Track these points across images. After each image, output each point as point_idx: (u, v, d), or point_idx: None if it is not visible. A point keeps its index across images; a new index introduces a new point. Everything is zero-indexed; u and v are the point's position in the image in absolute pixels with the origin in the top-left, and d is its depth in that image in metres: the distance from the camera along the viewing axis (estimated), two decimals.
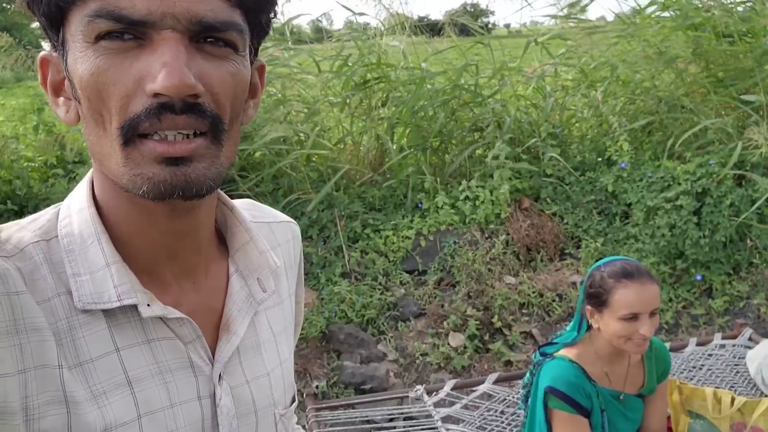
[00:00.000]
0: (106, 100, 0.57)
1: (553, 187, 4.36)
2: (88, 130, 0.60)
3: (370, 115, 4.57)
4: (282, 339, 0.80)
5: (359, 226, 4.15)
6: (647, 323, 1.64)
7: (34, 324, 0.58)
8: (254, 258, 0.75)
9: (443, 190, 4.27)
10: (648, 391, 1.83)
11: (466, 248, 4.02)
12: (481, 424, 2.45)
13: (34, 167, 4.36)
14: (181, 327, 0.67)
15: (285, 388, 0.78)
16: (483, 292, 3.82)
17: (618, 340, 1.68)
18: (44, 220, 0.66)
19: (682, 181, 3.96)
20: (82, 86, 0.57)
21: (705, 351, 2.81)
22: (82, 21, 0.56)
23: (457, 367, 3.47)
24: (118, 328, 0.64)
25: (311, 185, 4.28)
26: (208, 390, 0.69)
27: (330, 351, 3.58)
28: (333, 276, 3.91)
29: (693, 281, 3.93)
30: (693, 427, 2.08)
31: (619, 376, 1.79)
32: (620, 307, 1.66)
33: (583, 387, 1.72)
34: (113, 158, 0.58)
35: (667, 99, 4.42)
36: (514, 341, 3.63)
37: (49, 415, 0.58)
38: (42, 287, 0.61)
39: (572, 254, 4.13)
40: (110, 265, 0.63)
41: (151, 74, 0.55)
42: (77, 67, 0.57)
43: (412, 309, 3.82)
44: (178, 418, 0.66)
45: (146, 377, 0.64)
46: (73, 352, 0.61)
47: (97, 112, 0.58)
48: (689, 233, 3.86)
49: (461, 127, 4.71)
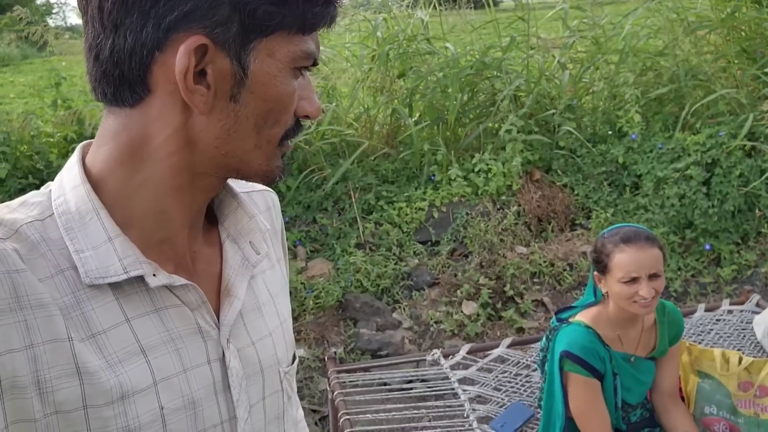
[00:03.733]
0: (284, 113, 0.68)
1: (564, 159, 4.41)
2: (235, 126, 0.66)
3: (389, 89, 4.61)
4: (280, 300, 0.83)
5: (373, 198, 4.23)
6: (646, 285, 1.71)
7: (39, 300, 0.61)
8: (244, 222, 0.78)
9: (456, 162, 4.33)
10: (659, 354, 1.91)
11: (479, 219, 4.09)
12: (496, 385, 2.55)
13: (53, 142, 4.43)
14: (187, 294, 0.70)
15: (287, 346, 0.82)
16: (495, 262, 3.90)
17: (623, 303, 1.76)
18: (35, 201, 0.67)
19: (692, 152, 4.01)
20: (276, 98, 0.67)
21: (713, 316, 2.89)
22: (298, 52, 0.66)
23: (470, 334, 3.57)
24: (126, 299, 0.66)
25: (325, 159, 4.35)
26: (217, 353, 0.72)
27: (346, 319, 3.68)
28: (348, 247, 4.00)
29: (702, 250, 3.99)
30: (702, 387, 2.16)
31: (631, 339, 1.86)
32: (619, 271, 1.74)
33: (597, 351, 1.79)
34: (257, 154, 0.68)
35: (684, 68, 4.43)
36: (526, 309, 3.72)
37: (62, 388, 0.61)
38: (42, 265, 0.63)
39: (583, 225, 4.20)
40: (112, 239, 0.66)
41: (310, 101, 0.70)
42: (276, 82, 0.66)
43: (425, 278, 3.91)
44: (192, 383, 0.69)
45: (158, 345, 0.67)
46: (84, 325, 0.63)
47: (264, 118, 0.67)
48: (698, 203, 3.92)
49: (477, 101, 4.75)
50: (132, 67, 0.63)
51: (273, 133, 0.68)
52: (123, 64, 0.63)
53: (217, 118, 0.65)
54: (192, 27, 0.61)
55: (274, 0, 0.62)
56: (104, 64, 0.64)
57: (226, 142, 0.66)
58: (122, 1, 0.61)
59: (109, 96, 0.65)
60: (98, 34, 0.63)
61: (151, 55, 0.62)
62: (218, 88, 0.64)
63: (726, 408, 2.12)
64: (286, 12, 0.63)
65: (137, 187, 0.67)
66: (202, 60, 0.62)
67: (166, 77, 0.63)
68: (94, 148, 0.69)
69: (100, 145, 0.68)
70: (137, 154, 0.66)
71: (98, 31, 0.63)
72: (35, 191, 0.70)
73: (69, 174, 0.69)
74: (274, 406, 0.80)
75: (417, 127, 4.38)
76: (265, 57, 0.64)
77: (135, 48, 0.62)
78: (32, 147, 4.32)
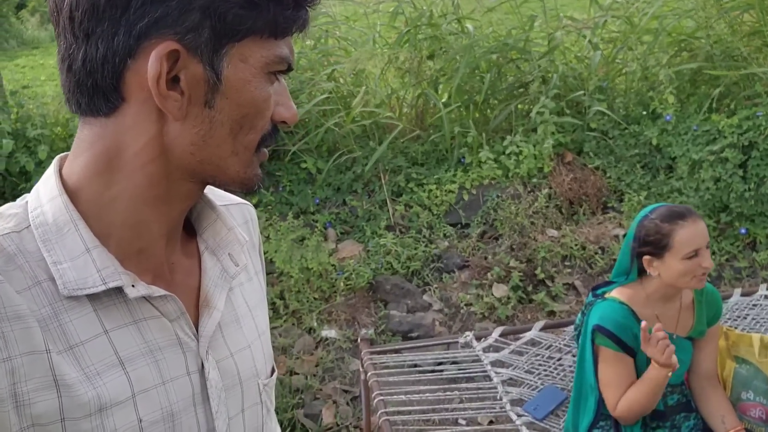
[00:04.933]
0: (260, 119, 0.68)
1: (596, 141, 4.36)
2: (210, 133, 0.66)
3: (417, 70, 4.59)
4: (258, 313, 0.83)
5: (403, 180, 4.23)
6: (707, 255, 1.75)
7: (16, 312, 0.60)
8: (223, 234, 0.78)
9: (486, 144, 4.31)
10: (697, 334, 1.90)
11: (509, 202, 4.07)
12: (529, 368, 2.56)
13: None
14: (166, 305, 0.69)
15: (265, 359, 0.82)
16: (526, 245, 3.89)
17: (682, 279, 1.76)
18: (11, 213, 0.67)
19: (728, 134, 3.93)
20: (250, 104, 0.67)
21: (750, 301, 2.86)
22: (271, 57, 0.66)
23: (501, 317, 3.58)
24: (104, 310, 0.66)
25: (355, 141, 4.35)
26: (196, 365, 0.72)
27: (377, 301, 3.71)
28: (378, 229, 4.02)
29: (737, 234, 3.93)
30: (739, 372, 2.14)
31: (670, 318, 1.86)
32: (683, 247, 1.75)
33: (630, 328, 1.79)
34: (234, 161, 0.68)
35: (719, 48, 4.33)
36: (557, 292, 3.71)
37: (39, 401, 0.60)
38: (19, 277, 0.62)
39: (615, 208, 4.15)
40: (90, 250, 0.65)
41: (287, 106, 0.70)
42: (250, 88, 0.66)
43: (455, 261, 3.92)
44: (171, 394, 0.69)
45: (137, 356, 0.67)
46: (62, 337, 0.63)
47: (239, 124, 0.67)
48: (734, 186, 3.85)
49: (506, 82, 4.70)
50: (105, 75, 0.63)
51: (249, 139, 0.68)
52: (96, 73, 0.63)
53: (191, 125, 0.65)
54: (163, 33, 0.61)
55: (244, 4, 0.62)
56: (77, 74, 0.64)
57: (202, 148, 0.66)
58: (92, 9, 0.61)
59: (83, 106, 0.65)
60: (70, 44, 0.63)
61: (124, 63, 0.62)
62: (192, 94, 0.64)
63: (763, 393, 2.10)
64: (257, 16, 0.63)
65: (114, 197, 0.67)
66: (174, 66, 0.62)
67: (139, 85, 0.63)
68: (70, 159, 0.69)
69: (76, 156, 0.68)
70: (113, 164, 0.66)
71: (70, 41, 0.63)
72: (11, 203, 0.69)
73: (46, 185, 0.68)
74: (254, 418, 0.80)
75: (447, 110, 4.35)
76: (238, 62, 0.65)
77: (107, 56, 0.62)
78: (67, 129, 4.39)
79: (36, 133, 4.15)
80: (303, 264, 3.66)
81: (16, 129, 4.19)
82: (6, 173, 4.08)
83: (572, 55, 4.86)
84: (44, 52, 10.89)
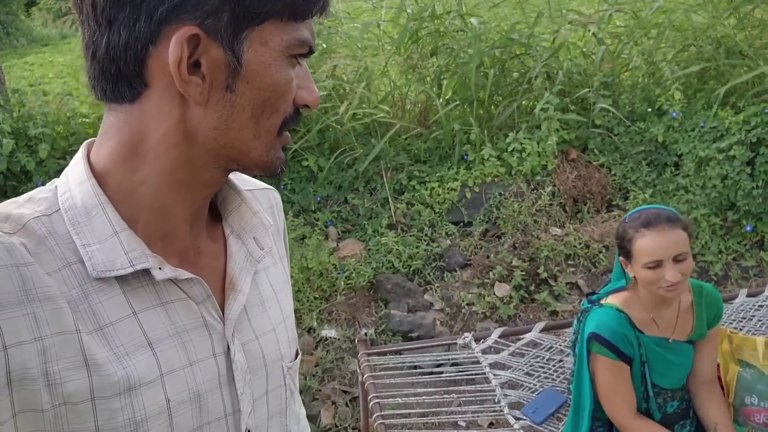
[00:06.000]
0: (281, 102, 0.68)
1: (601, 138, 4.30)
2: (232, 117, 0.66)
3: (419, 67, 4.54)
4: (283, 297, 0.84)
5: (405, 178, 4.19)
6: (671, 269, 1.66)
7: (47, 293, 0.61)
8: (248, 218, 0.79)
9: (489, 142, 4.26)
10: (698, 336, 1.85)
11: (512, 200, 4.02)
12: (528, 370, 2.51)
13: (89, 123, 4.49)
14: (192, 287, 0.70)
15: (290, 342, 0.83)
16: (529, 243, 3.84)
17: (650, 288, 1.72)
18: (41, 197, 0.68)
19: (736, 131, 3.86)
20: (272, 87, 0.67)
21: (756, 302, 2.80)
22: (291, 40, 0.66)
23: (503, 317, 3.53)
24: (132, 292, 0.67)
25: (357, 139, 4.31)
26: (221, 347, 0.73)
27: (377, 300, 3.67)
28: (379, 227, 3.98)
29: (744, 233, 3.87)
30: (742, 376, 2.09)
31: (667, 322, 1.81)
32: (642, 256, 1.70)
33: (626, 335, 1.75)
34: (256, 144, 0.69)
35: (727, 44, 4.26)
36: (560, 292, 3.66)
37: (70, 380, 0.62)
38: (49, 259, 0.64)
39: (620, 206, 4.09)
40: (118, 233, 0.67)
41: (309, 90, 0.70)
42: (271, 71, 0.66)
43: (457, 260, 3.87)
44: (197, 375, 0.70)
45: (165, 338, 0.68)
46: (91, 318, 0.64)
47: (260, 108, 0.67)
48: (742, 184, 3.78)
49: (509, 78, 4.65)
50: (128, 62, 0.63)
51: (271, 123, 0.68)
52: (119, 60, 0.64)
53: (213, 109, 0.65)
54: (183, 18, 0.62)
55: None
56: (101, 62, 0.65)
57: (224, 133, 0.66)
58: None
59: (108, 93, 0.66)
60: (93, 32, 0.64)
61: (146, 49, 0.63)
62: (213, 79, 0.64)
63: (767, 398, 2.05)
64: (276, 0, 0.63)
65: (139, 182, 0.68)
66: (195, 51, 0.63)
67: (162, 71, 0.64)
68: (97, 144, 0.70)
69: (103, 142, 0.69)
70: (138, 150, 0.67)
71: (93, 29, 0.64)
72: (40, 188, 0.70)
73: (74, 170, 0.70)
74: (277, 400, 0.80)
75: (448, 108, 4.30)
76: (259, 46, 0.65)
77: (129, 43, 0.63)
78: (68, 128, 4.38)
79: (37, 131, 4.14)
80: (303, 263, 3.63)
81: (17, 128, 4.18)
82: (7, 172, 4.07)
83: (577, 51, 4.80)
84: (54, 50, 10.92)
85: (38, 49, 11.31)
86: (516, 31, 4.63)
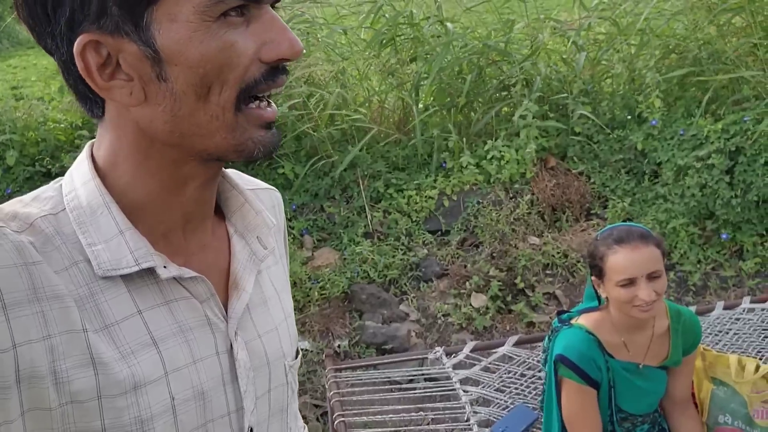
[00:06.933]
0: (227, 72, 0.62)
1: (580, 145, 4.25)
2: (177, 105, 0.63)
3: (397, 72, 4.48)
4: (284, 296, 0.84)
5: (382, 186, 4.12)
6: (645, 287, 1.60)
7: (55, 292, 0.61)
8: (251, 218, 0.78)
9: (468, 149, 4.20)
10: (672, 363, 1.79)
11: (490, 208, 3.97)
12: (500, 386, 2.45)
13: (61, 129, 4.39)
14: (196, 286, 0.70)
15: (291, 341, 0.83)
16: (506, 253, 3.79)
17: (624, 308, 1.66)
18: (47, 196, 0.68)
19: (715, 139, 3.83)
20: (201, 62, 0.61)
21: (732, 315, 2.75)
22: (203, 2, 0.59)
23: (478, 328, 3.47)
24: (137, 291, 0.67)
25: (333, 146, 4.24)
26: (225, 345, 0.72)
27: (352, 311, 3.60)
28: (355, 236, 3.91)
29: (723, 242, 3.83)
30: (716, 394, 2.03)
31: (640, 346, 1.75)
32: (614, 274, 1.64)
33: (594, 359, 1.70)
34: (216, 126, 0.63)
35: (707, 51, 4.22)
36: (537, 302, 3.60)
37: (78, 378, 0.61)
38: (57, 258, 0.63)
39: (599, 214, 4.05)
40: (123, 232, 0.66)
41: (275, 42, 0.63)
42: (193, 45, 0.60)
43: (434, 269, 3.81)
44: (201, 374, 0.70)
45: (169, 336, 0.68)
46: (97, 317, 0.64)
47: (206, 86, 0.62)
48: (720, 193, 3.75)
49: (488, 85, 4.60)
50: (77, 84, 0.65)
51: (224, 98, 0.63)
52: (76, 84, 0.65)
53: (155, 103, 0.63)
54: (82, 29, 0.61)
55: None
56: (70, 87, 0.67)
57: (176, 123, 0.64)
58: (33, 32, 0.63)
59: (87, 112, 0.68)
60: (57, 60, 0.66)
61: (77, 69, 0.63)
62: (140, 74, 0.62)
63: (741, 417, 2.00)
64: None
65: (135, 184, 0.68)
66: (108, 56, 0.62)
67: None
68: (96, 146, 0.71)
69: (98, 147, 0.70)
70: (119, 157, 0.68)
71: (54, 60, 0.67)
72: (45, 186, 0.70)
73: (79, 169, 0.70)
74: (279, 398, 0.80)
75: (426, 114, 4.25)
76: (169, 24, 0.60)
77: (68, 66, 0.64)
78: (38, 134, 4.27)
79: (5, 138, 4.04)
80: None
81: None
82: None
83: (557, 57, 4.75)
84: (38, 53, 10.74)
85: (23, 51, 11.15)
86: (494, 38, 4.58)
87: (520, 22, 4.71)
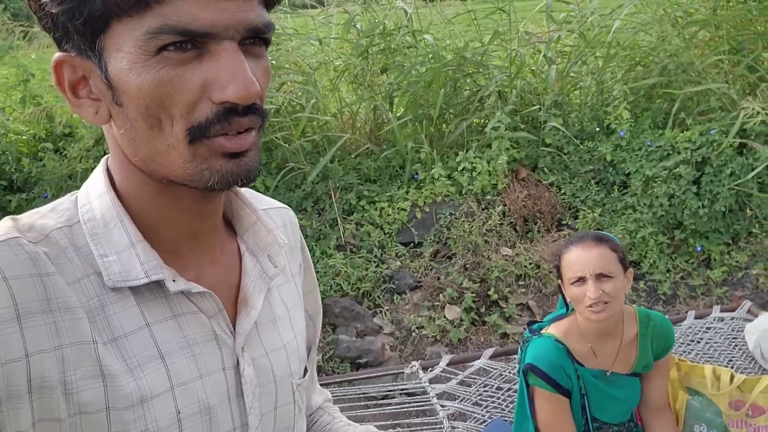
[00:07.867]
0: (169, 107, 0.60)
1: (551, 156, 4.29)
2: (133, 131, 0.63)
3: (369, 83, 4.46)
4: (295, 314, 0.83)
5: (354, 198, 4.09)
6: (593, 285, 1.64)
7: (67, 303, 0.62)
8: (263, 236, 0.79)
9: (440, 160, 4.20)
10: (642, 369, 1.80)
11: (463, 219, 3.97)
12: (477, 400, 2.44)
13: (22, 140, 4.27)
14: (204, 301, 0.70)
15: (300, 360, 0.82)
16: (479, 264, 3.78)
17: (578, 308, 1.71)
18: (63, 208, 0.69)
19: (682, 149, 3.90)
20: (140, 94, 0.60)
21: (703, 324, 2.79)
22: (140, 36, 0.58)
23: (453, 340, 3.46)
24: (146, 304, 0.67)
25: (305, 157, 4.20)
26: (231, 361, 0.72)
27: (325, 325, 3.55)
28: (328, 249, 3.87)
29: (691, 251, 3.89)
30: (691, 404, 2.05)
31: (608, 354, 1.76)
32: (566, 271, 1.71)
33: (563, 367, 1.71)
34: (174, 155, 0.62)
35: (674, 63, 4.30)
36: (511, 313, 3.60)
37: (87, 389, 0.62)
38: (70, 269, 0.64)
39: (569, 225, 4.08)
40: (135, 244, 0.67)
41: (219, 83, 0.60)
42: (132, 77, 0.60)
43: (407, 281, 3.79)
44: (207, 388, 0.70)
45: (176, 350, 0.68)
46: (107, 329, 0.64)
47: (155, 117, 0.61)
48: (688, 203, 3.81)
49: (461, 96, 4.61)
50: None
51: (176, 130, 0.62)
52: None
53: (118, 125, 0.64)
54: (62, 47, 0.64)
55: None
56: None
57: (135, 147, 0.64)
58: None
59: None
60: None
61: None
62: (103, 96, 0.63)
63: (717, 427, 2.01)
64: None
65: (140, 197, 0.69)
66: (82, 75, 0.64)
67: None
68: (110, 159, 0.72)
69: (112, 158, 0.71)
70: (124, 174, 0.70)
71: None
72: (61, 199, 0.71)
73: (94, 182, 0.71)
74: (285, 417, 0.80)
75: (399, 122, 4.23)
76: (116, 53, 0.61)
77: None
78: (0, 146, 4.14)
79: None
80: None
81: None
82: None
83: (528, 69, 4.79)
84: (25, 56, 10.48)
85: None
86: (468, 50, 4.59)
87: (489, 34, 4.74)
